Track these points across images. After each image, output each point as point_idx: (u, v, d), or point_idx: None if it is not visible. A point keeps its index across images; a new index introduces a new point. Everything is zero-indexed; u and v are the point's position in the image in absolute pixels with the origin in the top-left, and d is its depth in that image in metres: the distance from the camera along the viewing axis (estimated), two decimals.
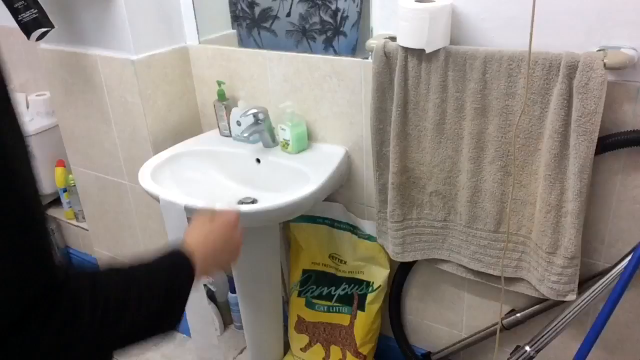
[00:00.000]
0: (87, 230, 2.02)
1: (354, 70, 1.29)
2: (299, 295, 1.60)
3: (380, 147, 1.26)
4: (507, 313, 1.31)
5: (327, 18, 1.32)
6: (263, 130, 1.42)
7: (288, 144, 1.41)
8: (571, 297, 1.12)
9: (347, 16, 1.29)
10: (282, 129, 1.40)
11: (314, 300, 1.58)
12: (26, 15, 1.32)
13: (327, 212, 1.52)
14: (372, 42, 1.18)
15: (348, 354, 1.57)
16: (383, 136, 1.25)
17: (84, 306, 0.50)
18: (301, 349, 1.65)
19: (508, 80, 1.05)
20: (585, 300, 1.11)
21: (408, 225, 1.30)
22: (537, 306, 1.26)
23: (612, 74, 0.99)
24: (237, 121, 1.46)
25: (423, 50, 1.10)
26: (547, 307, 1.24)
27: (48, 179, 2.11)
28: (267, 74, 1.45)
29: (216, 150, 1.49)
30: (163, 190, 1.29)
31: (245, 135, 1.38)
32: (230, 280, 1.80)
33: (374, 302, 1.50)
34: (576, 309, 1.12)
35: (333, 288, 1.56)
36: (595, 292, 1.10)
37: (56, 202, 2.21)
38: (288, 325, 1.68)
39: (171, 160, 1.45)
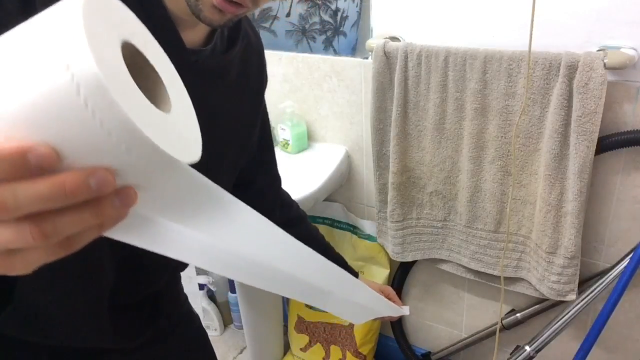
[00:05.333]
0: None
1: (354, 70, 1.29)
2: None
3: (380, 147, 1.26)
4: (507, 313, 1.31)
5: (327, 18, 1.32)
6: None
7: (288, 144, 1.41)
8: (571, 297, 1.12)
9: (347, 16, 1.29)
10: (282, 129, 1.40)
11: None
12: None
13: (327, 212, 1.52)
14: (372, 42, 1.18)
15: (348, 354, 1.57)
16: (383, 136, 1.25)
17: None
18: (301, 349, 1.65)
19: (508, 80, 1.05)
20: (585, 300, 1.11)
21: (408, 225, 1.30)
22: (537, 306, 1.26)
23: (612, 74, 0.99)
24: None
25: (423, 49, 1.10)
26: (547, 307, 1.24)
27: None
28: None
29: None
30: None
31: None
32: (231, 280, 1.80)
33: None
34: (576, 309, 1.12)
35: None
36: (595, 292, 1.10)
37: None
38: (288, 325, 1.68)
39: None
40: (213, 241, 0.38)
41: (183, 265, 0.77)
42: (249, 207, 0.41)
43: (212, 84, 0.62)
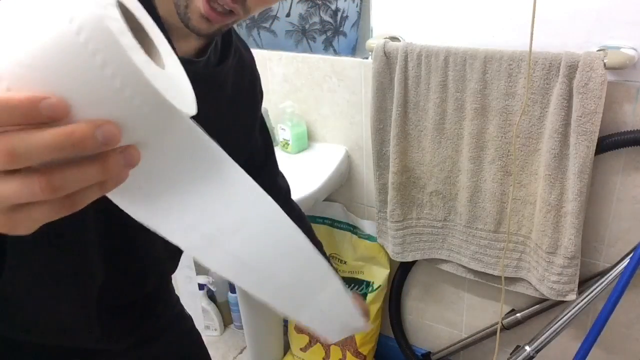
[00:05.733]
0: None
1: (354, 70, 1.29)
2: None
3: (380, 147, 1.26)
4: (507, 313, 1.31)
5: (327, 18, 1.32)
6: None
7: (288, 144, 1.41)
8: (571, 297, 1.12)
9: (347, 16, 1.29)
10: (282, 129, 1.40)
11: None
12: None
13: (327, 212, 1.52)
14: (372, 42, 1.18)
15: (348, 354, 1.57)
16: (383, 136, 1.25)
17: None
18: (301, 349, 1.65)
19: (508, 80, 1.05)
20: (585, 300, 1.11)
21: (408, 225, 1.30)
22: (537, 306, 1.26)
23: (612, 74, 0.99)
24: None
25: (423, 49, 1.10)
26: (547, 307, 1.24)
27: None
28: (267, 74, 1.45)
29: None
30: None
31: None
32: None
33: (374, 302, 1.50)
34: (576, 309, 1.12)
35: None
36: (595, 292, 1.10)
37: None
38: (288, 325, 1.68)
39: None
40: (204, 216, 0.38)
41: (173, 267, 0.77)
42: (248, 176, 0.40)
43: (204, 95, 0.62)
